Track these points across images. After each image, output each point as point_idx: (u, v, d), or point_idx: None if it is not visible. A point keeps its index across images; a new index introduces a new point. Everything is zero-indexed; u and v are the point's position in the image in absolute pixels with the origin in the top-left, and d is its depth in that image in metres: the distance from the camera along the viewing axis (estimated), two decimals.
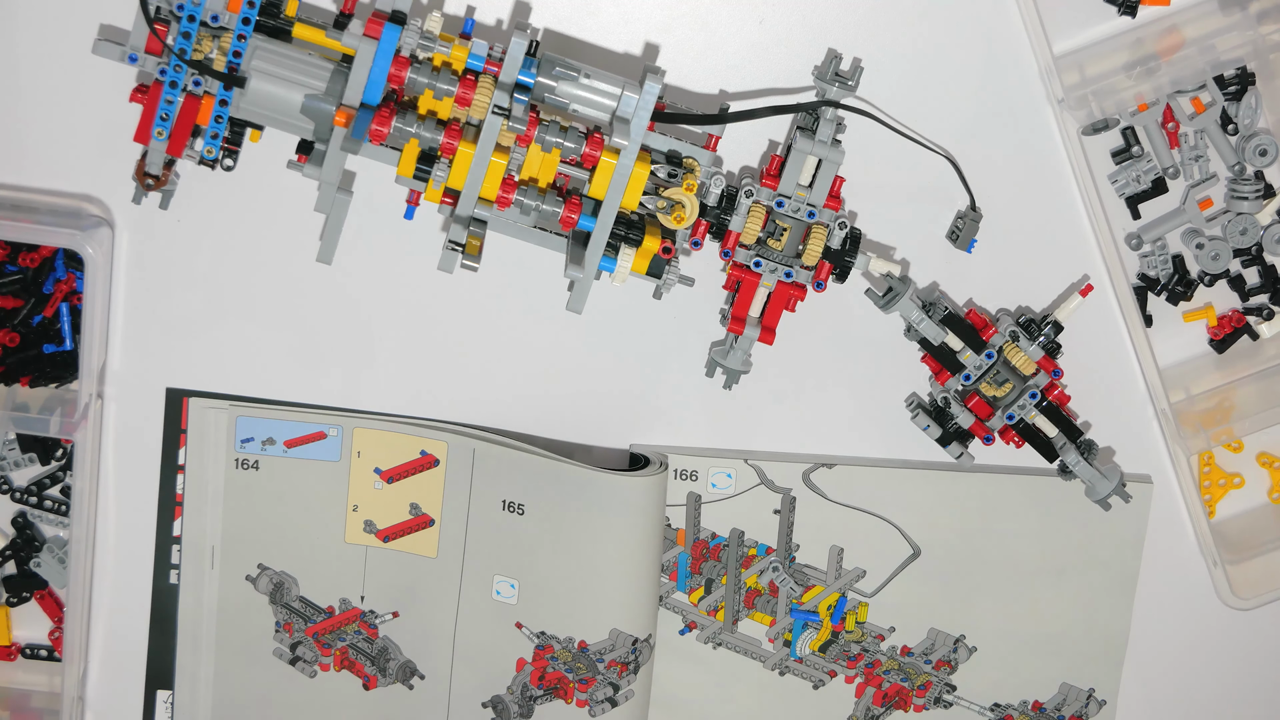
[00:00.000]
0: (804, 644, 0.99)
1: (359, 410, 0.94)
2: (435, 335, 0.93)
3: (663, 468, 0.94)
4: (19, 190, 0.89)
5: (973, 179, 0.90)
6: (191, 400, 0.93)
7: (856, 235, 0.87)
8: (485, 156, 0.81)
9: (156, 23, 0.80)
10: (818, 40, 0.90)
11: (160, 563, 0.96)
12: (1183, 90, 0.92)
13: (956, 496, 0.97)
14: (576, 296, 0.85)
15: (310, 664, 0.98)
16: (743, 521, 0.97)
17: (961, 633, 0.99)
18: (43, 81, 0.87)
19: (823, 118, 0.85)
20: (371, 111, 0.80)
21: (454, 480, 0.94)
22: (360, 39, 0.80)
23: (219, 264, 0.91)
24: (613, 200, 0.83)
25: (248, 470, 0.94)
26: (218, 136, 0.83)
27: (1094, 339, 0.95)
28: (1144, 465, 0.98)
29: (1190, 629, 1.01)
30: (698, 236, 0.86)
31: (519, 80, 0.81)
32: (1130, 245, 0.95)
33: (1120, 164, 0.93)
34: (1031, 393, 0.91)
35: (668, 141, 0.84)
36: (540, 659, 0.97)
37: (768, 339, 0.88)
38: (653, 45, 0.89)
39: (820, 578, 0.98)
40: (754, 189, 0.86)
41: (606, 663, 0.96)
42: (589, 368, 0.94)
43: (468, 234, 0.82)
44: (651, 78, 0.81)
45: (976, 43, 0.90)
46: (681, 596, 0.98)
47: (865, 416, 0.96)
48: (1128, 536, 0.98)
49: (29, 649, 0.98)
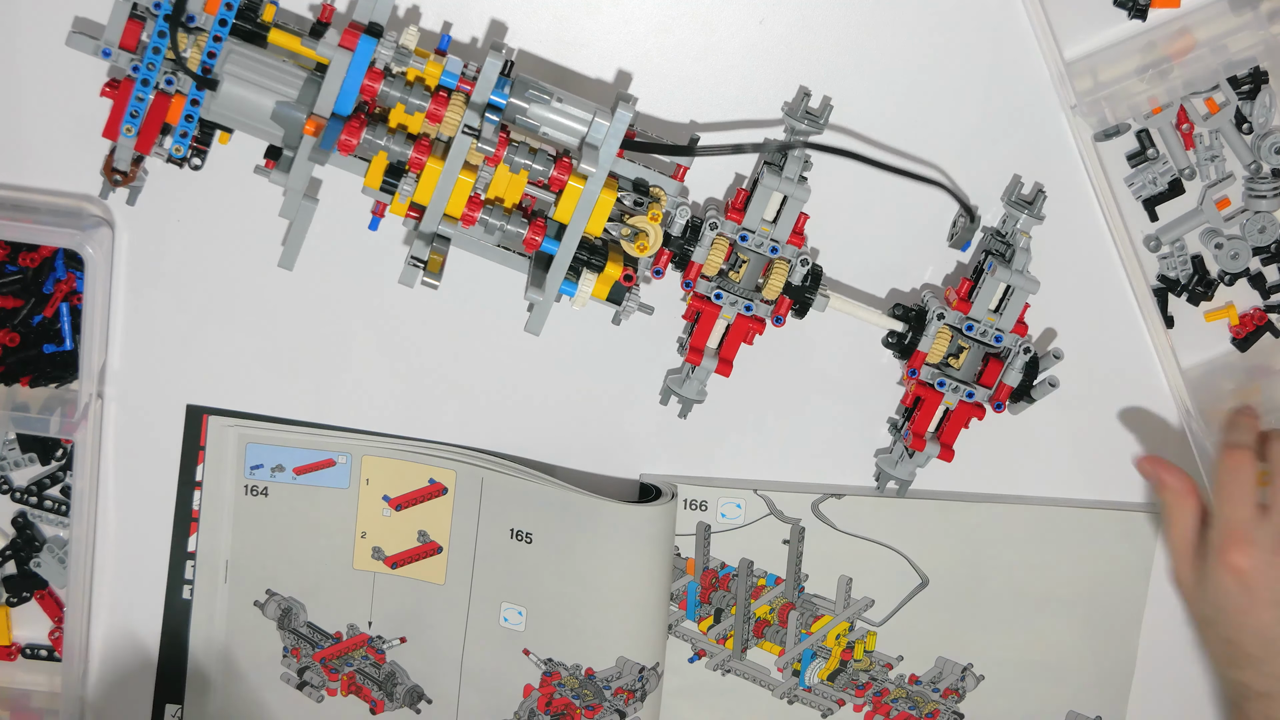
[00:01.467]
0: (813, 673, 1.00)
1: (364, 430, 0.94)
2: (444, 356, 0.94)
3: (672, 498, 0.94)
4: (19, 190, 0.90)
5: (987, 186, 0.91)
6: (211, 419, 0.94)
7: (818, 272, 0.88)
8: (453, 174, 0.81)
9: (132, 19, 0.80)
10: (819, 43, 0.89)
11: (174, 578, 0.96)
12: (1196, 91, 0.92)
13: (964, 526, 0.97)
14: (535, 318, 0.85)
15: (318, 688, 0.99)
16: (752, 551, 0.97)
17: (969, 661, 1.00)
18: (43, 81, 0.87)
19: (790, 155, 0.86)
20: (342, 122, 0.81)
21: (462, 508, 0.95)
22: (335, 49, 0.80)
23: (220, 264, 0.91)
24: (577, 225, 0.83)
25: (257, 496, 0.95)
26: (187, 135, 0.83)
27: (1115, 343, 0.95)
28: (1148, 424, 0.97)
29: (1198, 655, 0.99)
30: (660, 265, 0.87)
31: (491, 100, 0.81)
32: (1149, 247, 0.94)
33: (1136, 167, 0.93)
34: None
35: (636, 169, 0.84)
36: (547, 685, 0.97)
37: (724, 370, 0.89)
38: (650, 46, 0.89)
39: (829, 607, 0.98)
40: (719, 221, 0.86)
41: (614, 690, 0.96)
42: (598, 395, 0.95)
43: (430, 250, 0.82)
44: (624, 105, 0.82)
45: (985, 49, 0.90)
46: (691, 625, 0.98)
47: (872, 446, 0.97)
48: (1135, 565, 0.98)
49: (29, 649, 0.99)
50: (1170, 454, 0.96)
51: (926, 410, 0.91)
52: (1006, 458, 0.97)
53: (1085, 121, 0.90)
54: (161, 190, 0.89)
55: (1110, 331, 0.95)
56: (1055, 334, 0.95)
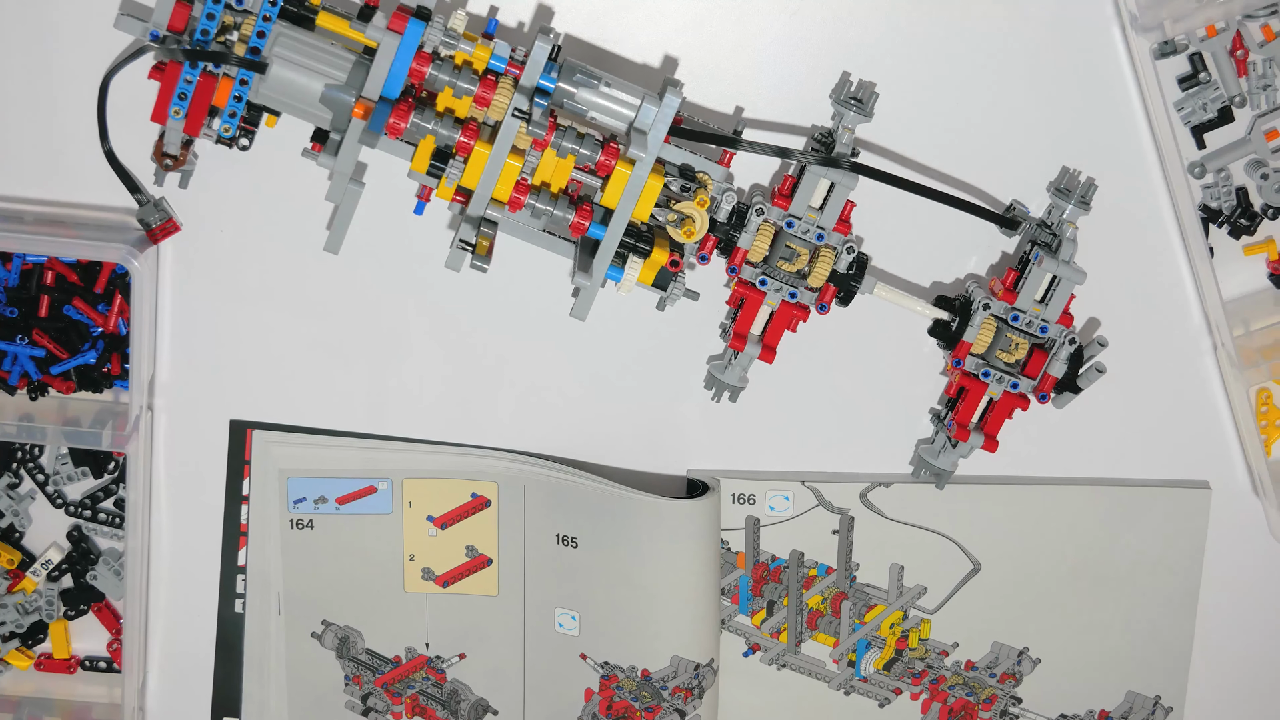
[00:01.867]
0: (868, 663, 1.00)
1: (406, 438, 0.94)
2: (487, 355, 0.94)
3: (716, 492, 0.94)
4: (64, 206, 0.90)
5: (1036, 102, 0.90)
6: (255, 433, 0.94)
7: (864, 260, 0.87)
8: (501, 158, 0.81)
9: (180, 2, 0.80)
10: (852, 29, 0.89)
11: (225, 591, 0.96)
12: (1253, 16, 0.90)
13: (1014, 510, 0.97)
14: (581, 304, 0.85)
15: (383, 713, 0.99)
16: (802, 543, 0.97)
17: (1025, 645, 0.99)
18: (87, 97, 0.86)
19: (838, 141, 0.86)
20: (390, 105, 0.80)
21: (507, 518, 0.95)
22: (384, 32, 0.80)
23: (265, 276, 0.91)
24: (624, 210, 0.83)
25: (303, 530, 0.95)
26: (235, 115, 0.83)
27: (1150, 270, 0.94)
28: (1197, 401, 0.96)
29: (1257, 630, 1.00)
30: (705, 251, 0.86)
31: (539, 84, 0.81)
32: (1194, 175, 0.93)
33: (1186, 91, 0.91)
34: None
35: (682, 155, 0.84)
36: (606, 689, 0.97)
37: (768, 357, 0.89)
38: (685, 40, 0.89)
39: (881, 596, 0.98)
40: (765, 208, 0.86)
41: (671, 689, 0.96)
42: (644, 391, 0.95)
43: (478, 234, 0.82)
44: (672, 90, 0.81)
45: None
46: (744, 619, 0.98)
47: (914, 436, 0.96)
48: (1190, 542, 0.97)
49: (88, 661, 0.99)
50: (1198, 390, 0.95)
51: (971, 400, 0.90)
52: (1053, 438, 0.96)
53: (1145, 37, 0.88)
54: (201, 200, 0.90)
55: (1143, 258, 0.93)
56: (1092, 267, 0.92)
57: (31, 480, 0.95)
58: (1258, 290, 0.95)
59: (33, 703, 0.98)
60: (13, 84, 0.87)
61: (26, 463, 0.95)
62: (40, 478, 0.95)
